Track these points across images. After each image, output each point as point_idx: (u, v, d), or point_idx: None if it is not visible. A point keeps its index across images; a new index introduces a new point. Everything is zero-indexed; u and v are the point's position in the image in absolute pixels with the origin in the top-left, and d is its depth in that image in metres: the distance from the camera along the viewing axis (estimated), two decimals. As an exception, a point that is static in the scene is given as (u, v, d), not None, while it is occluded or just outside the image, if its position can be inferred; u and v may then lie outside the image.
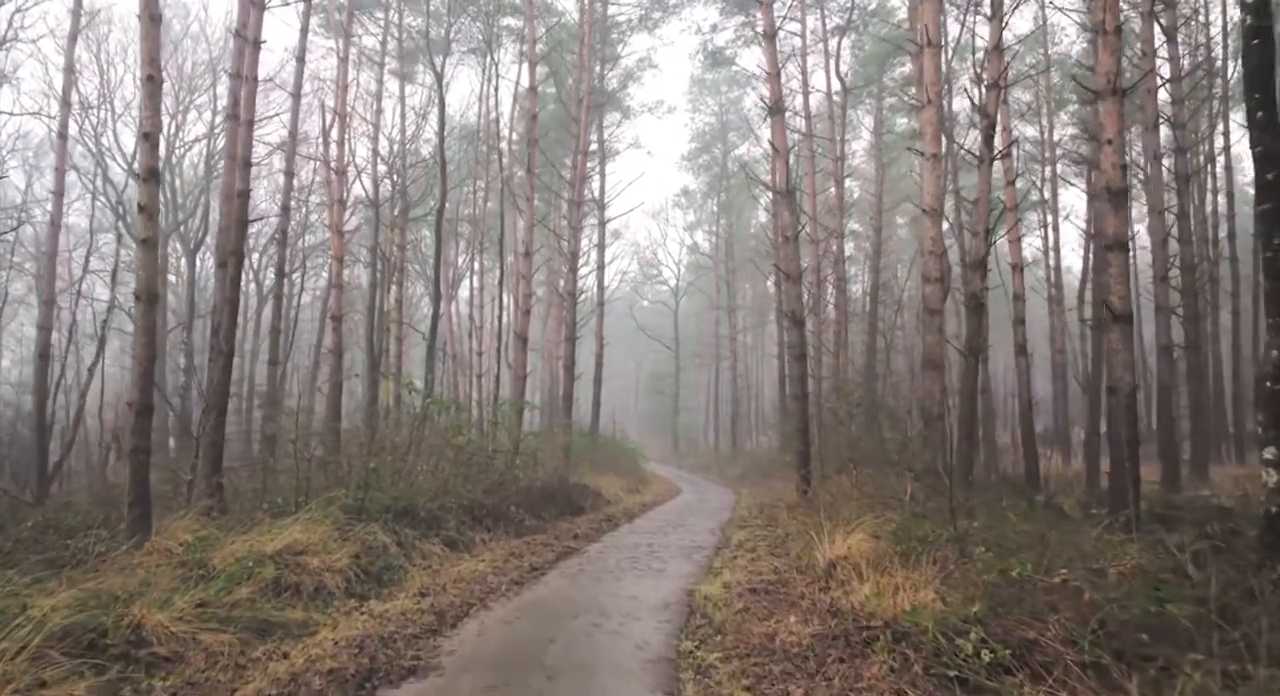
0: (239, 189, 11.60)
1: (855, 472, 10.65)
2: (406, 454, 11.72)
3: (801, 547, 9.03)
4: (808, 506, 11.88)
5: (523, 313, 18.34)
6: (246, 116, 11.96)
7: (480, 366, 27.14)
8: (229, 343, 11.38)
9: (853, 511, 8.95)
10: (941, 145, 11.23)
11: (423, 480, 11.16)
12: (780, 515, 12.78)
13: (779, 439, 30.41)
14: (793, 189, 12.84)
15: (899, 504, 8.88)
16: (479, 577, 7.92)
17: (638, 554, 9.79)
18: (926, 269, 10.83)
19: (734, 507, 16.68)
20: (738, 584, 7.68)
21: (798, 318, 12.70)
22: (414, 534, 9.34)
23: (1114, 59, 8.02)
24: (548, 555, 9.49)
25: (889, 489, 10.45)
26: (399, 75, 30.40)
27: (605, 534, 11.94)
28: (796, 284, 12.72)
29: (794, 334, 12.79)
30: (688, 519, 14.24)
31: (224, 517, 8.91)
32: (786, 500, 14.09)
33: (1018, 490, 11.98)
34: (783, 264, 12.74)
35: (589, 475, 18.86)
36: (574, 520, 13.23)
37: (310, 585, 6.71)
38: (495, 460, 12.15)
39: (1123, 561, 5.98)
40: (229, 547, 7.17)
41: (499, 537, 10.65)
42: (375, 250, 26.56)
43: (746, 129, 40.50)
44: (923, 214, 10.79)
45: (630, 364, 57.73)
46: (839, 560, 7.15)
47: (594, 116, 28.35)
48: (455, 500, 10.81)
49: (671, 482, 26.13)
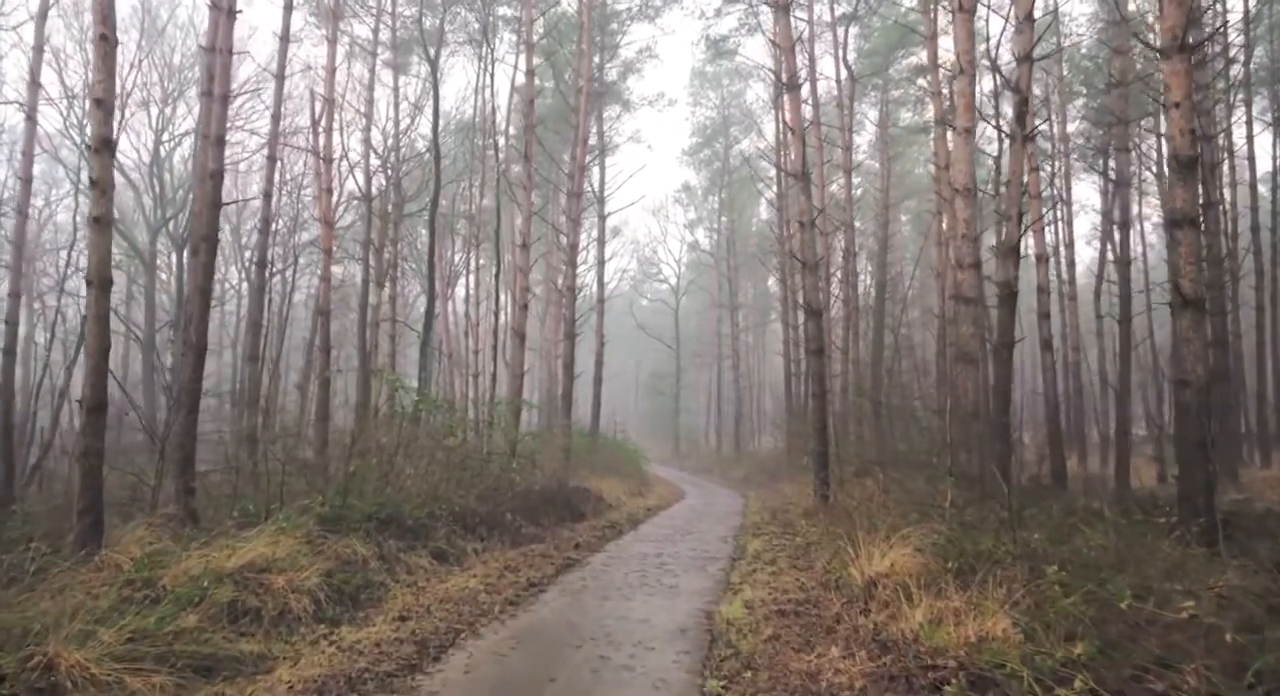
0: (211, 169, 10.69)
1: (881, 476, 9.76)
2: (394, 456, 10.82)
3: (829, 560, 8.14)
4: (829, 513, 10.99)
5: (519, 308, 17.44)
6: (220, 91, 11.08)
7: (476, 365, 26.25)
8: (200, 336, 10.50)
9: (885, 519, 8.06)
10: (975, 119, 10.33)
11: (411, 485, 10.26)
12: (797, 522, 11.90)
13: (785, 439, 29.54)
14: (808, 172, 11.96)
15: (937, 511, 7.99)
16: (469, 596, 7.02)
17: (646, 566, 8.90)
18: (960, 254, 9.94)
19: (744, 512, 15.80)
20: (762, 603, 6.79)
21: (815, 308, 11.79)
22: (399, 545, 8.45)
23: (1181, 12, 7.14)
24: (547, 568, 8.59)
25: (920, 494, 9.56)
26: (392, 66, 29.53)
27: (609, 542, 11.05)
28: (814, 272, 11.82)
29: (811, 326, 11.89)
30: (696, 525, 13.35)
31: (192, 527, 8.02)
32: (802, 505, 13.20)
33: (1048, 493, 11.11)
34: (799, 251, 11.84)
35: (590, 478, 17.96)
36: (575, 527, 12.34)
37: (273, 609, 5.81)
38: (490, 463, 11.24)
39: (1218, 582, 5.09)
40: (184, 564, 6.27)
41: (493, 548, 9.76)
42: (368, 244, 25.69)
43: (749, 123, 39.68)
44: (955, 194, 9.90)
45: (630, 364, 56.86)
46: (879, 578, 6.26)
47: (594, 106, 27.48)
48: (446, 507, 9.92)
49: (675, 485, 25.24)
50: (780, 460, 27.58)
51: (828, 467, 12.01)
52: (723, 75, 40.03)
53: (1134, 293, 16.26)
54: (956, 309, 10.17)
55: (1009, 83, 11.40)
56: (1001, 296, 10.77)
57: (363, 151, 26.64)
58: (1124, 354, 16.32)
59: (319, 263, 18.93)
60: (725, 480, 29.06)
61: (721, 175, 41.91)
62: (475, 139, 29.37)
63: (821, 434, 11.97)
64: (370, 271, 26.12)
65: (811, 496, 13.48)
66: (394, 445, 11.07)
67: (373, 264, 27.65)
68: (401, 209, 27.96)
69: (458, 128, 32.61)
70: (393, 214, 28.20)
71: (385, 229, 28.03)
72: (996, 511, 7.24)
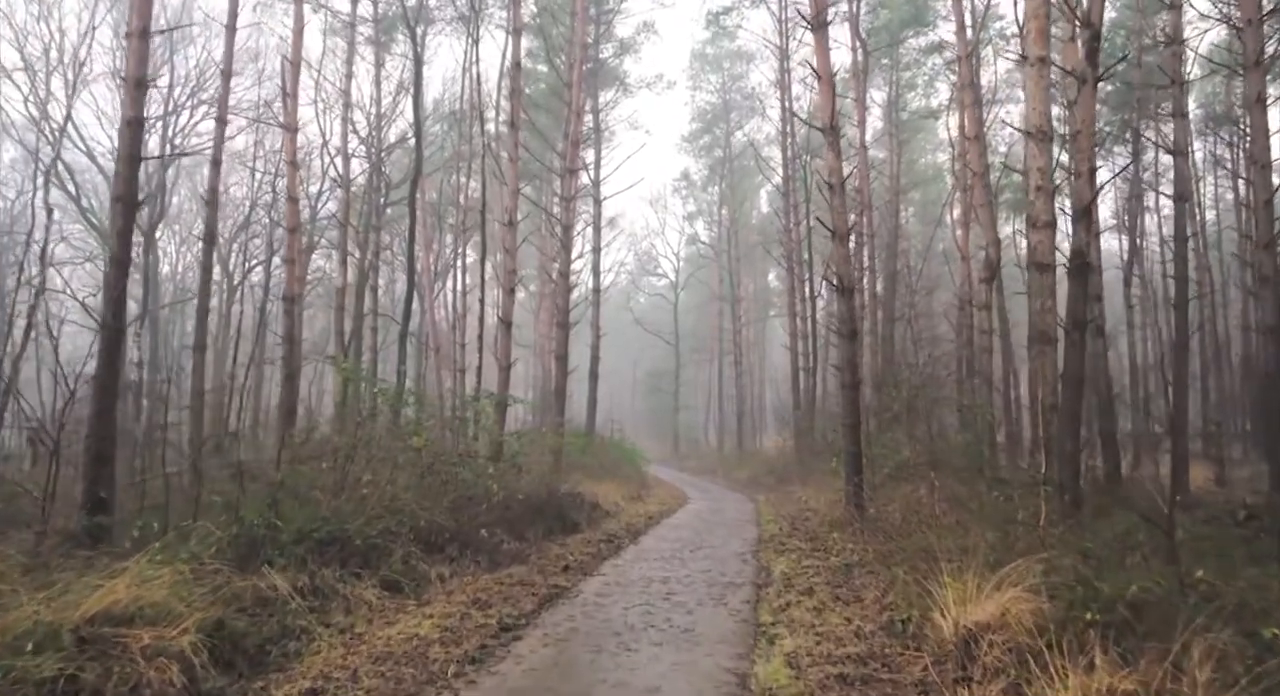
0: (129, 116, 8.92)
1: (936, 482, 8.00)
2: (349, 461, 9.06)
3: (887, 592, 6.39)
4: (867, 526, 9.24)
5: (506, 292, 15.67)
6: (140, 25, 9.29)
7: (463, 360, 24.49)
8: (117, 316, 8.74)
9: (955, 538, 6.31)
10: (1048, 46, 8.55)
11: (369, 495, 8.49)
12: (826, 535, 10.14)
13: (793, 438, 27.79)
14: (837, 125, 10.20)
15: (1025, 530, 6.24)
16: (417, 651, 5.24)
17: (651, 597, 7.14)
18: (1034, 212, 8.17)
19: (757, 521, 14.05)
20: (810, 659, 5.04)
21: (846, 284, 10.00)
22: (339, 574, 6.69)
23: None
24: (526, 602, 6.82)
25: (984, 503, 7.81)
26: (374, 43, 27.77)
27: (605, 561, 9.28)
28: (844, 243, 10.03)
29: (842, 305, 10.08)
30: (706, 537, 11.60)
31: (90, 551, 6.26)
32: (827, 513, 11.44)
33: (1124, 502, 9.38)
34: (831, 218, 10.08)
35: (585, 482, 16.19)
36: (566, 541, 10.57)
37: (120, 690, 4.04)
38: (463, 468, 9.46)
39: None
40: (15, 614, 4.51)
41: (464, 572, 8.00)
42: (344, 227, 23.92)
43: (750, 108, 37.88)
44: (1027, 138, 8.14)
45: (627, 361, 55.11)
46: (981, 630, 4.50)
47: (589, 86, 25.70)
48: (408, 521, 8.18)
49: (677, 488, 23.48)
50: (788, 460, 25.85)
51: (861, 471, 10.23)
52: (724, 57, 38.28)
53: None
54: (1029, 279, 8.41)
55: (1077, 14, 9.64)
56: (1073, 267, 9.00)
57: (341, 131, 24.93)
58: (1180, 341, 14.58)
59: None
60: (730, 482, 27.30)
61: (723, 163, 40.16)
62: (463, 124, 27.56)
63: (854, 431, 10.18)
64: (349, 259, 24.37)
65: (839, 504, 11.74)
66: (349, 447, 9.31)
67: (353, 251, 25.89)
68: (386, 195, 26.20)
69: (447, 109, 30.88)
70: (374, 198, 26.44)
71: (371, 216, 26.29)
72: (1120, 533, 5.49)
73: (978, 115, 17.60)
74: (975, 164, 17.09)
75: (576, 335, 28.52)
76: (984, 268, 17.15)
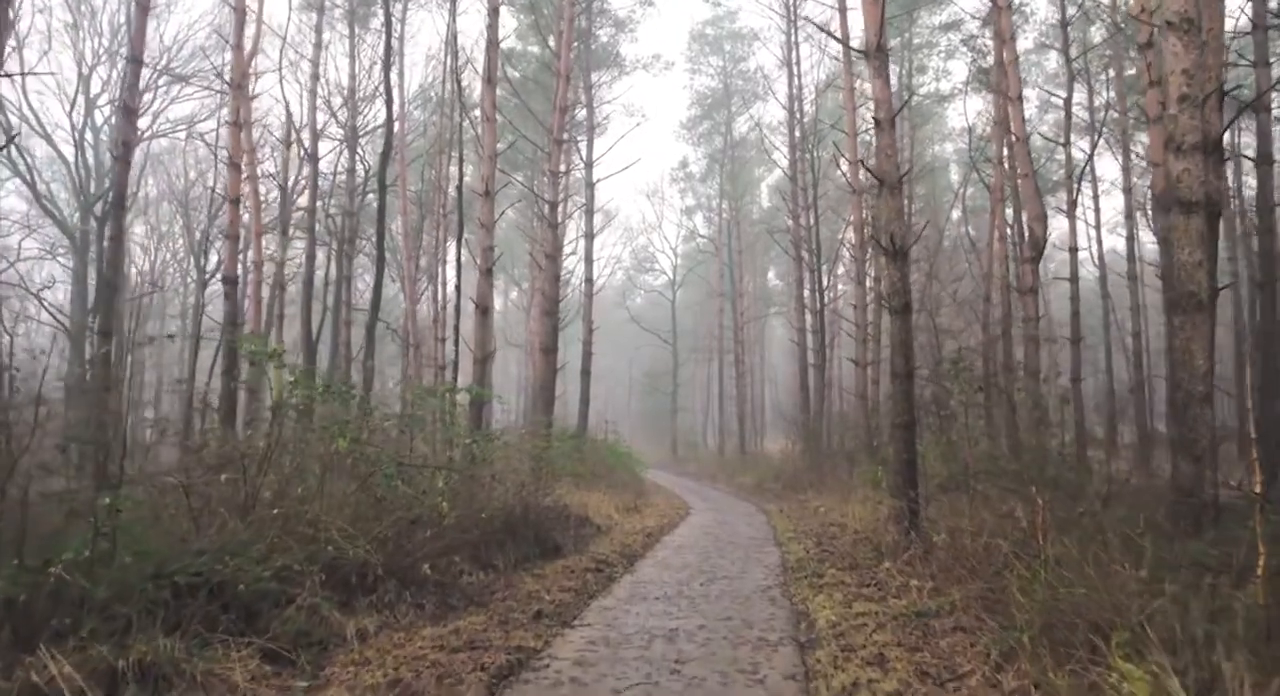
0: None
1: (1040, 500, 5.87)
2: (259, 471, 6.93)
3: (999, 666, 4.28)
4: (929, 552, 7.11)
5: (482, 274, 13.55)
6: None
7: (444, 356, 22.40)
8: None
9: (1105, 593, 4.21)
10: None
11: (274, 517, 6.37)
12: (874, 563, 8.01)
13: (801, 441, 25.66)
14: (885, 43, 8.11)
15: (1222, 580, 4.12)
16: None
17: (654, 668, 5.01)
18: (1178, 131, 6.05)
19: (775, 538, 11.93)
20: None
21: (900, 244, 7.80)
22: (202, 639, 4.58)
23: None
24: (470, 683, 4.67)
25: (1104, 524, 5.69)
26: (350, 16, 25.76)
27: (593, 601, 7.15)
28: (897, 193, 7.86)
29: (894, 271, 7.87)
30: (718, 562, 9.48)
31: None
32: (870, 535, 9.30)
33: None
34: (877, 164, 7.95)
35: (573, 491, 14.11)
36: (544, 570, 8.44)
37: None
38: (405, 479, 7.32)
39: None
40: None
41: (397, 623, 5.87)
42: (313, 212, 21.83)
43: (753, 94, 35.83)
44: (1167, 29, 6.03)
45: (623, 361, 52.97)
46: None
47: (581, 57, 23.63)
48: (324, 554, 6.07)
49: (676, 496, 21.36)
50: (797, 465, 23.71)
51: (917, 483, 8.08)
52: (725, 38, 36.26)
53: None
54: (1172, 221, 6.32)
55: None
56: (1208, 213, 6.89)
57: (310, 104, 22.86)
58: (1268, 328, 12.53)
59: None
60: (733, 488, 25.16)
61: (723, 152, 38.11)
62: (445, 105, 25.38)
63: (908, 433, 7.99)
64: (317, 242, 22.27)
65: (880, 521, 9.63)
66: (264, 453, 7.18)
67: (325, 239, 23.81)
68: (366, 181, 24.10)
69: (429, 97, 28.83)
70: (351, 182, 24.39)
71: (348, 202, 24.24)
72: None
73: (1017, 74, 15.58)
74: (1017, 128, 15.07)
75: (569, 332, 26.46)
76: (1028, 246, 15.10)
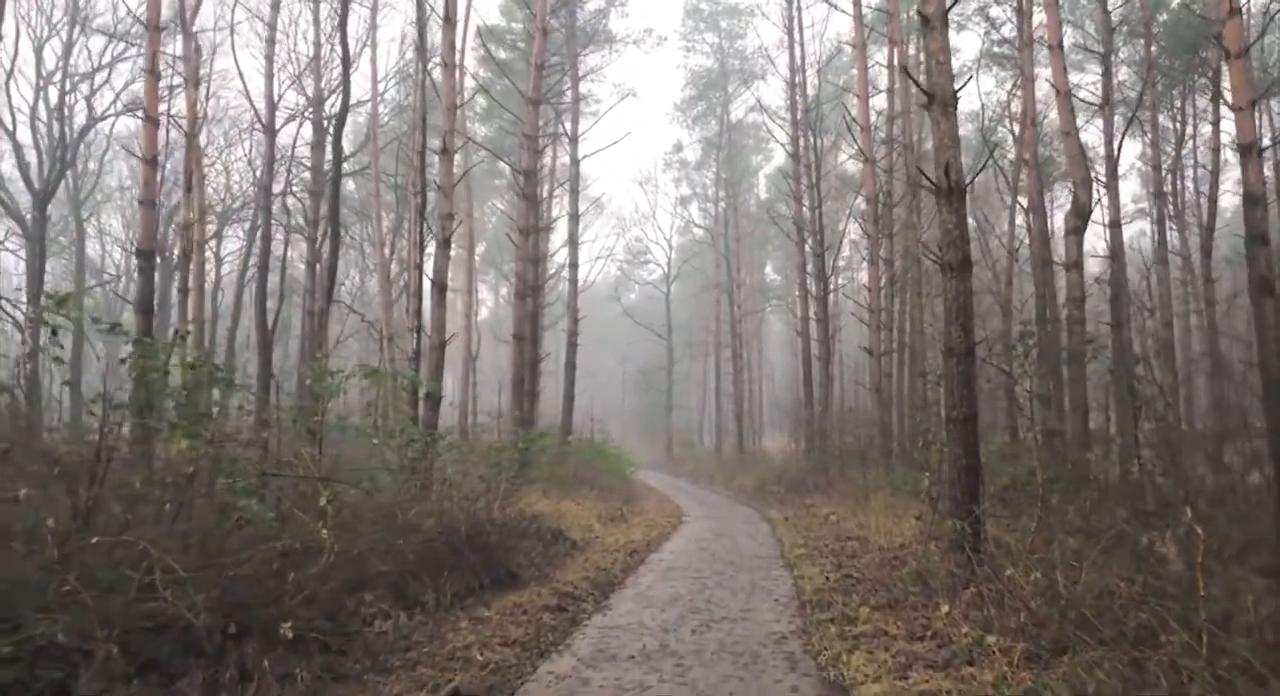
0: None
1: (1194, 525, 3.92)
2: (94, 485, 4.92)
3: None
4: (1004, 600, 5.13)
5: (439, 245, 11.58)
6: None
7: (414, 344, 20.39)
8: None
9: None
10: None
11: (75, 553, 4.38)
12: (925, 602, 6.02)
13: (804, 440, 23.72)
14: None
15: None
16: None
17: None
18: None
19: (784, 555, 9.95)
20: None
21: (954, 181, 5.84)
22: None
23: None
24: None
25: None
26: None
27: (541, 663, 5.17)
28: (951, 113, 5.79)
29: (949, 215, 5.77)
30: (715, 593, 7.50)
31: None
32: (915, 560, 7.28)
33: None
34: (927, 73, 5.93)
35: (546, 499, 12.14)
36: (489, 608, 6.44)
37: None
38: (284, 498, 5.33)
39: None
40: None
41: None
42: (268, 189, 19.82)
43: (751, 73, 33.78)
44: None
45: (615, 357, 50.99)
46: None
47: (565, 17, 21.63)
48: (140, 610, 4.10)
49: (670, 500, 19.39)
50: (800, 466, 21.78)
51: (979, 495, 6.07)
52: (720, 14, 34.27)
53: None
54: None
55: None
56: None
57: (266, 68, 20.81)
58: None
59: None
60: (732, 490, 23.17)
61: (719, 136, 36.11)
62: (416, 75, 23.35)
63: (969, 429, 5.97)
64: (274, 220, 20.24)
65: (919, 537, 7.66)
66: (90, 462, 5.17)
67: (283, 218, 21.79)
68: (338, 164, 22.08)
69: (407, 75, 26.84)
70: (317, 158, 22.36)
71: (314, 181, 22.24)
72: None
73: (1057, 18, 13.67)
74: (1059, 80, 13.16)
75: (560, 326, 24.49)
76: (1072, 215, 13.17)
